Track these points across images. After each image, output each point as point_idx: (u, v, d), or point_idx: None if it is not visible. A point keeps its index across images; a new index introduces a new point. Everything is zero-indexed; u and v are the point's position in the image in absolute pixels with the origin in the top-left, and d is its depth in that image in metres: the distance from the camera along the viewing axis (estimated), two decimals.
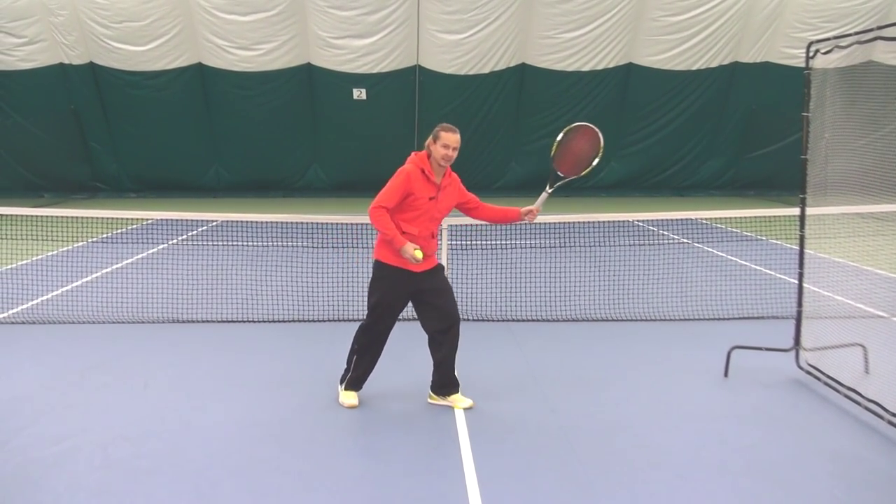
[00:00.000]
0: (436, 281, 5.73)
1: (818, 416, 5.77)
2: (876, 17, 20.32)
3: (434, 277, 5.73)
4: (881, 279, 9.90)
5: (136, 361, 7.08)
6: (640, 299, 9.27)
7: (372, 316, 5.73)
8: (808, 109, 6.31)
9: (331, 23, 20.47)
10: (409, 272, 5.56)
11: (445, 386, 5.90)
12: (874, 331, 7.12)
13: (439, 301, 5.70)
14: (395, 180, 5.53)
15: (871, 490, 4.58)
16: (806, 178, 6.43)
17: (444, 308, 5.70)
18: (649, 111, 22.50)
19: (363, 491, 4.58)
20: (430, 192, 5.56)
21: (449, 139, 5.52)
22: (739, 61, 21.76)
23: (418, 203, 5.51)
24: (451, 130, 5.56)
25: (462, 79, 21.51)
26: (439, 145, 5.52)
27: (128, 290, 9.45)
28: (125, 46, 20.56)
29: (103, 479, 4.70)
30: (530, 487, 4.60)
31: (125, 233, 14.39)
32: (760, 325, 8.36)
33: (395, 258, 5.53)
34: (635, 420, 5.70)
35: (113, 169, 22.59)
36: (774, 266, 10.95)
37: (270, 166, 22.52)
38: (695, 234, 14.02)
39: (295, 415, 5.78)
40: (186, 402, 6.03)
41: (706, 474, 4.79)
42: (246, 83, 21.29)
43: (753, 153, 22.99)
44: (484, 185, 22.40)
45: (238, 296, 9.44)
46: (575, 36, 21.06)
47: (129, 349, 7.48)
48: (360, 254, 10.44)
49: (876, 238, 10.79)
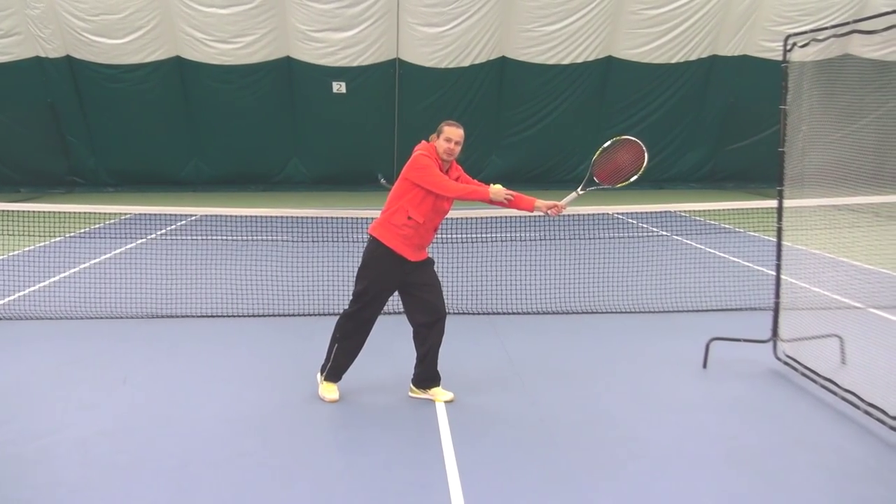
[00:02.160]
0: (425, 274, 5.75)
1: (796, 407, 5.83)
2: (852, 11, 20.49)
3: (424, 270, 5.75)
4: (857, 270, 9.99)
5: (116, 357, 7.04)
6: (619, 292, 9.31)
7: (357, 303, 5.72)
8: (786, 102, 6.35)
9: (310, 16, 20.38)
10: (401, 258, 5.56)
11: (427, 380, 5.91)
12: (850, 322, 7.19)
13: (427, 294, 5.72)
14: (427, 165, 5.51)
15: (847, 479, 4.63)
16: (783, 170, 6.48)
17: (432, 302, 5.71)
18: (629, 104, 22.58)
19: (344, 484, 4.58)
20: None
21: (452, 133, 5.57)
22: (718, 54, 21.88)
23: (428, 193, 5.54)
24: (455, 125, 5.62)
25: (442, 72, 21.48)
26: (442, 139, 5.58)
27: (106, 285, 9.38)
28: (102, 39, 20.38)
29: (83, 475, 4.67)
30: (511, 479, 4.62)
31: (103, 227, 14.29)
32: (739, 316, 8.43)
33: (392, 240, 5.55)
34: (615, 412, 5.73)
35: (90, 163, 22.41)
36: (752, 258, 11.02)
37: (250, 160, 22.41)
38: (674, 226, 14.09)
39: (276, 409, 5.77)
40: (166, 397, 6.01)
41: (686, 465, 4.83)
42: (225, 76, 21.17)
43: (732, 146, 23.12)
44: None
45: (218, 290, 9.40)
46: (555, 29, 21.10)
47: (108, 345, 7.43)
48: (341, 248, 10.42)
49: (852, 230, 10.89)
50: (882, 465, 4.79)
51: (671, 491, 4.49)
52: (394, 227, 5.56)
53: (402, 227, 5.54)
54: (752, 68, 21.49)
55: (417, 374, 5.94)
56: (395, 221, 5.55)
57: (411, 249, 5.59)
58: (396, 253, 5.57)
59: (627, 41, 21.53)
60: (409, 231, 5.55)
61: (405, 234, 5.54)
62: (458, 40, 21.00)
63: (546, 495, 4.43)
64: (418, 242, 5.63)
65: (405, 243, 5.56)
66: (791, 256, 7.38)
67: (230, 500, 4.38)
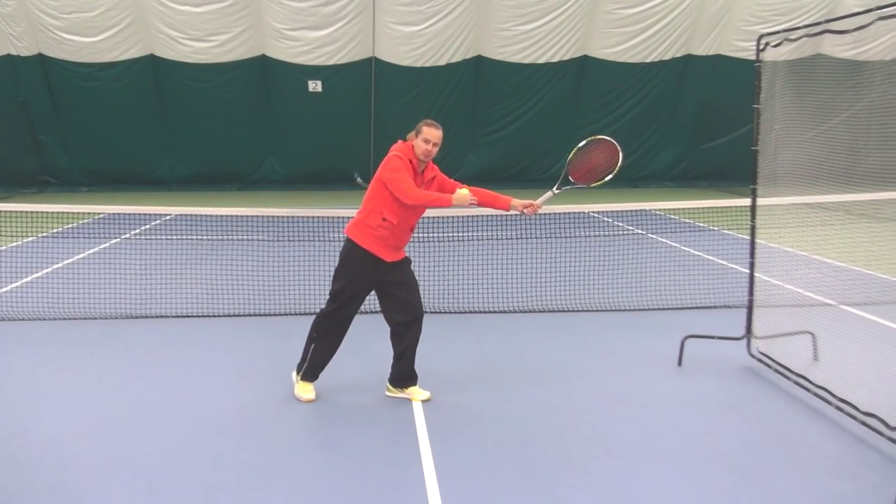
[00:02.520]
0: (403, 273, 5.74)
1: (769, 403, 5.89)
2: (824, 11, 20.71)
3: (402, 269, 5.74)
4: (829, 268, 10.10)
5: (89, 358, 6.98)
6: (595, 290, 9.35)
7: (334, 302, 5.70)
8: (759, 101, 6.41)
9: (285, 14, 20.29)
10: (377, 259, 5.55)
11: (404, 379, 5.91)
12: (823, 318, 7.27)
13: (404, 294, 5.71)
14: (398, 168, 5.47)
15: (820, 473, 4.68)
16: (757, 169, 6.54)
17: (409, 301, 5.71)
18: (604, 103, 22.69)
19: (321, 484, 4.57)
20: (417, 184, 5.57)
21: (431, 134, 5.53)
22: (692, 54, 22.03)
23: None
24: (433, 126, 5.57)
25: (418, 71, 21.46)
26: (420, 140, 5.53)
27: (80, 286, 9.29)
28: (75, 37, 20.16)
29: (57, 477, 4.63)
30: (488, 477, 4.63)
31: (76, 227, 14.15)
32: (713, 314, 8.50)
33: (367, 241, 5.54)
34: (591, 409, 5.76)
35: (63, 162, 22.14)
36: (726, 256, 11.11)
37: (225, 159, 22.26)
38: (649, 224, 14.18)
39: (252, 409, 5.74)
40: (141, 399, 5.97)
41: (661, 461, 4.86)
42: (199, 75, 21.00)
43: (706, 144, 23.29)
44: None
45: (193, 290, 9.34)
46: (530, 28, 21.15)
47: (81, 346, 7.37)
48: (317, 247, 10.40)
49: (824, 227, 11.01)
50: (853, 460, 4.85)
51: (646, 488, 4.52)
52: (369, 229, 5.54)
53: (378, 228, 5.52)
54: (726, 68, 21.66)
55: (394, 374, 5.93)
56: (371, 223, 5.53)
57: (388, 250, 5.58)
58: (373, 254, 5.55)
59: (602, 40, 21.62)
60: (384, 232, 5.53)
61: (380, 236, 5.52)
62: (434, 39, 20.99)
63: (522, 493, 4.44)
64: (394, 243, 5.62)
65: (381, 244, 5.54)
66: (764, 254, 7.45)
67: (205, 501, 4.36)
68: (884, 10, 4.83)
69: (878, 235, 10.47)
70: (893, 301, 8.73)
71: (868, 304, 8.50)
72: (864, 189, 9.16)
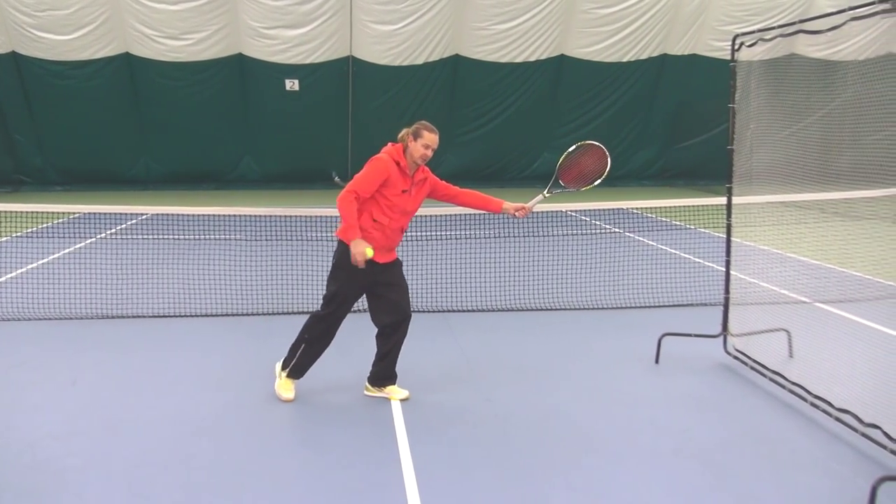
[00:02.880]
0: (393, 275, 5.73)
1: (745, 400, 5.94)
2: (798, 11, 20.91)
3: (392, 271, 5.73)
4: (804, 266, 10.20)
5: (65, 358, 6.91)
6: (573, 288, 9.39)
7: (330, 305, 5.66)
8: (734, 101, 6.47)
9: (262, 12, 20.19)
10: (369, 261, 5.53)
11: (383, 378, 5.90)
12: (798, 316, 7.36)
13: (393, 295, 5.70)
14: (370, 168, 5.46)
15: (794, 469, 4.73)
16: (732, 168, 6.60)
17: (397, 303, 5.70)
18: (581, 102, 22.78)
19: (300, 484, 4.56)
20: (404, 185, 5.54)
21: (431, 140, 5.51)
22: (668, 53, 22.17)
23: (391, 194, 5.48)
24: (433, 131, 5.55)
25: (395, 70, 21.44)
26: (420, 144, 5.49)
27: (55, 285, 9.21)
28: (49, 35, 19.95)
29: (32, 479, 4.58)
30: (467, 476, 4.65)
31: (51, 227, 14.01)
32: (690, 312, 8.56)
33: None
34: (570, 407, 5.79)
35: (38, 161, 21.91)
36: (703, 254, 11.20)
37: (202, 158, 22.14)
38: (626, 223, 14.26)
39: (230, 409, 5.72)
40: (117, 399, 5.92)
41: (639, 458, 4.90)
42: (175, 73, 20.86)
43: (682, 144, 23.46)
44: None
45: (170, 290, 9.28)
46: (507, 27, 21.19)
47: (56, 346, 7.31)
48: (294, 247, 10.37)
49: (798, 226, 11.12)
50: (828, 456, 4.91)
51: (624, 484, 4.55)
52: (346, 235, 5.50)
53: (369, 230, 5.48)
54: (702, 67, 21.82)
55: (375, 373, 5.92)
56: (361, 224, 5.47)
57: (379, 252, 5.55)
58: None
59: (579, 40, 21.70)
60: (375, 234, 5.49)
61: (371, 237, 5.47)
62: (412, 38, 20.97)
63: (501, 491, 4.46)
64: (385, 244, 5.59)
65: (372, 246, 5.51)
66: (740, 252, 7.52)
67: (183, 501, 4.34)
68: (856, 10, 4.89)
69: (851, 233, 10.59)
70: (867, 298, 8.84)
71: (842, 302, 8.60)
72: (837, 187, 9.27)
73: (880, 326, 7.62)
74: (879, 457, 4.81)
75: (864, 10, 4.79)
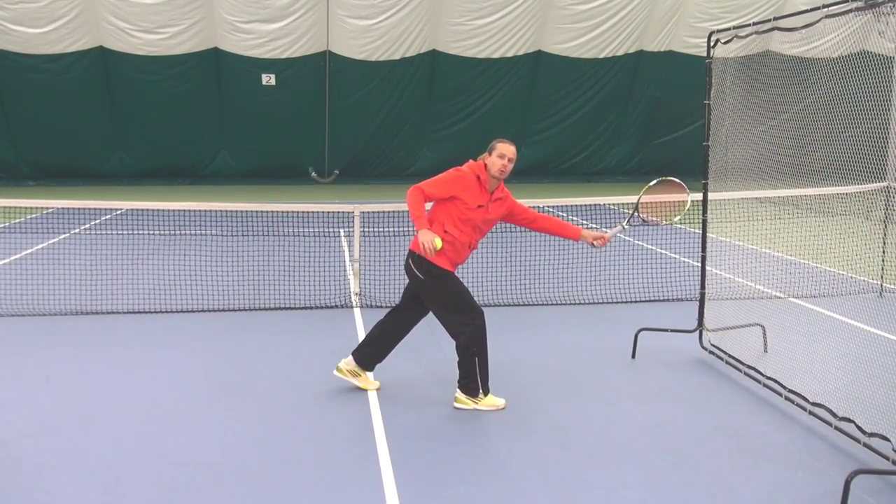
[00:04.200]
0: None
1: (720, 394, 5.99)
2: (773, 9, 21.07)
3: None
4: (778, 261, 10.29)
5: (38, 355, 6.84)
6: (549, 284, 9.42)
7: (469, 314, 5.60)
8: (710, 97, 6.51)
9: (238, 6, 20.08)
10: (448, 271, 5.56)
11: (369, 363, 5.92)
12: (772, 311, 7.42)
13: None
14: (447, 174, 5.51)
15: (768, 462, 4.77)
16: (708, 164, 6.64)
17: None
18: (558, 98, 22.87)
19: (278, 479, 4.54)
20: (481, 200, 5.51)
21: (506, 149, 5.50)
22: (645, 50, 22.29)
23: (467, 208, 5.46)
24: (507, 142, 5.56)
25: (373, 65, 21.41)
26: (495, 156, 5.49)
27: (28, 281, 9.11)
28: (21, 28, 19.73)
29: (5, 477, 4.53)
30: (444, 471, 4.65)
31: (24, 222, 13.86)
32: (666, 307, 8.61)
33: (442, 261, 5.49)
34: (546, 402, 5.81)
35: (10, 156, 21.66)
36: (679, 250, 11.27)
37: (177, 153, 21.99)
38: (603, 219, 14.30)
39: (204, 406, 5.68)
40: (91, 396, 5.86)
41: (615, 453, 4.92)
42: (150, 67, 20.73)
43: (658, 140, 23.60)
44: (395, 173, 22.38)
45: (144, 286, 9.22)
46: (485, 23, 21.21)
47: (29, 343, 7.23)
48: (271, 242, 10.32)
49: (773, 222, 11.20)
50: (801, 449, 4.95)
51: (600, 478, 4.56)
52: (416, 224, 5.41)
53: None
54: (678, 64, 21.97)
55: (366, 353, 5.90)
56: None
57: (448, 264, 5.53)
58: (437, 265, 5.50)
59: (557, 36, 21.77)
60: (444, 246, 5.41)
61: (440, 249, 5.36)
62: (389, 33, 20.94)
63: (478, 486, 4.46)
64: (453, 258, 5.56)
65: (442, 256, 5.46)
66: (716, 248, 7.57)
67: (158, 499, 4.30)
68: (830, 8, 4.93)
69: (825, 229, 10.68)
70: (840, 293, 8.94)
71: (816, 297, 8.69)
72: (810, 183, 9.35)
73: (853, 321, 7.70)
74: (853, 450, 4.86)
75: (838, 7, 4.83)
